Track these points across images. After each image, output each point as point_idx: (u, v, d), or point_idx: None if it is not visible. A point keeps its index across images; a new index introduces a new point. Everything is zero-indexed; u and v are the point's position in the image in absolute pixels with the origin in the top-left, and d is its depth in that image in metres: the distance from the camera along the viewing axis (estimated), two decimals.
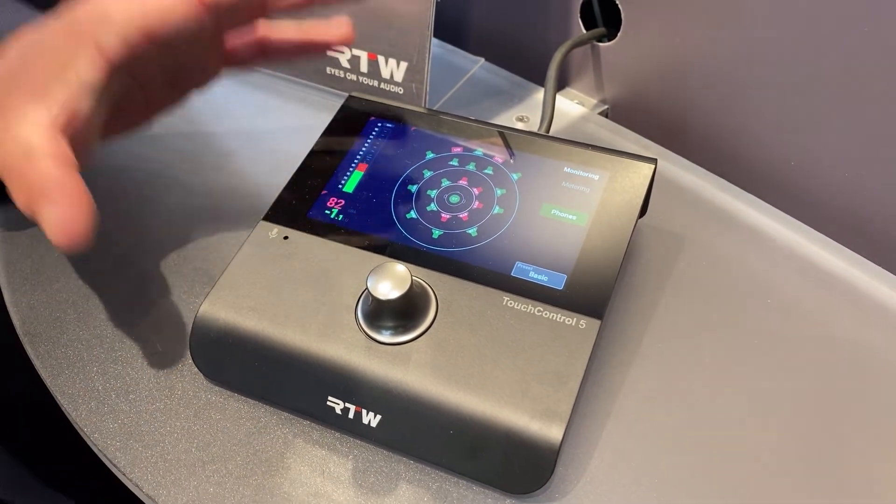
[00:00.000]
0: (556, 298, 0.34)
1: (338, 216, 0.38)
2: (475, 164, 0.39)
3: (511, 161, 0.39)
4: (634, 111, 0.53)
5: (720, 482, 0.32)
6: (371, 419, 0.32)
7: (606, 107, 0.54)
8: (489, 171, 0.39)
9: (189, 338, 0.36)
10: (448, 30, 0.59)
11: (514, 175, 0.39)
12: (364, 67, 0.50)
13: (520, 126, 0.50)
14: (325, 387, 0.33)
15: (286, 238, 0.37)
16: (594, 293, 0.34)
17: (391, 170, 0.40)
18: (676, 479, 0.32)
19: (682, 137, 0.51)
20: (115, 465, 0.33)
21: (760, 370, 0.36)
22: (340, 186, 0.39)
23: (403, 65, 0.49)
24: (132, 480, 0.33)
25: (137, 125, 0.39)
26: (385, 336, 0.33)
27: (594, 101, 0.55)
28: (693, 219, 0.44)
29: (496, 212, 0.37)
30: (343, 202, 0.38)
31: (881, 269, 0.41)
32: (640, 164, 0.38)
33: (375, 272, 0.32)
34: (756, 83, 0.45)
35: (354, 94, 0.44)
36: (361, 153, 0.41)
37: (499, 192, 0.38)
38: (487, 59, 0.57)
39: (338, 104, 0.43)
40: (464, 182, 0.39)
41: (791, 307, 0.39)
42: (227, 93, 0.53)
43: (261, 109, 0.52)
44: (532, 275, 0.35)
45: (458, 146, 0.40)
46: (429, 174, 0.39)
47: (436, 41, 0.57)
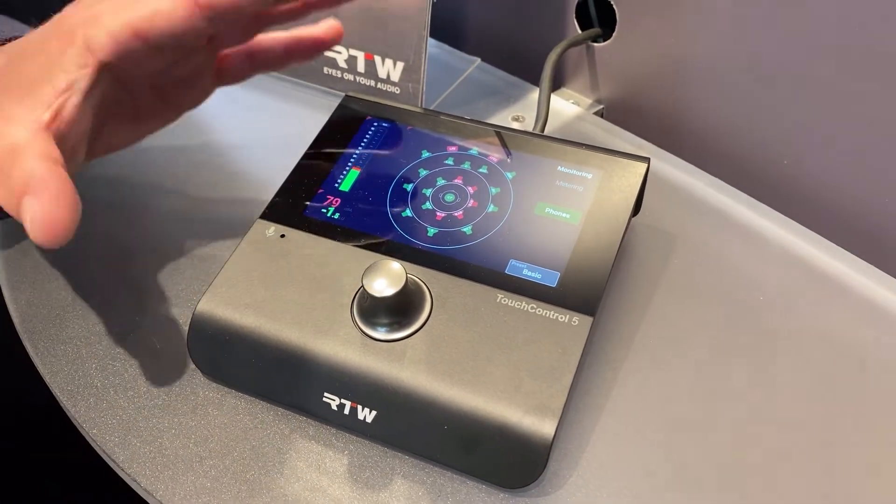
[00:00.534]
0: (550, 296, 0.34)
1: (334, 214, 0.38)
2: (470, 163, 0.40)
3: (505, 160, 0.40)
4: (629, 111, 0.53)
5: (712, 477, 0.32)
6: (367, 415, 0.33)
7: (601, 106, 0.55)
8: (484, 170, 0.39)
9: (187, 335, 0.36)
10: (444, 30, 0.59)
11: (509, 174, 0.39)
12: (361, 67, 0.50)
13: (515, 126, 0.50)
14: (322, 383, 0.33)
15: (283, 236, 0.38)
16: (587, 291, 0.34)
17: (387, 169, 0.40)
18: (668, 474, 0.33)
19: (677, 137, 0.51)
20: (114, 460, 0.34)
21: (752, 367, 0.36)
22: (337, 185, 0.40)
23: (400, 65, 0.49)
24: (130, 475, 0.33)
25: (126, 139, 0.39)
26: (380, 333, 0.34)
27: (589, 101, 0.55)
28: (686, 217, 0.44)
29: (491, 210, 0.38)
30: (339, 201, 0.39)
31: (873, 267, 0.41)
32: (634, 163, 0.38)
33: (371, 270, 0.33)
34: (749, 83, 0.46)
35: (351, 94, 0.44)
36: (358, 152, 0.41)
37: (493, 191, 0.38)
38: (483, 60, 0.57)
39: (335, 104, 0.44)
40: (459, 181, 0.39)
41: (783, 305, 0.39)
42: (225, 92, 0.54)
43: (258, 109, 0.52)
44: (526, 272, 0.35)
45: (454, 145, 0.41)
46: (424, 173, 0.40)
47: (432, 41, 0.58)
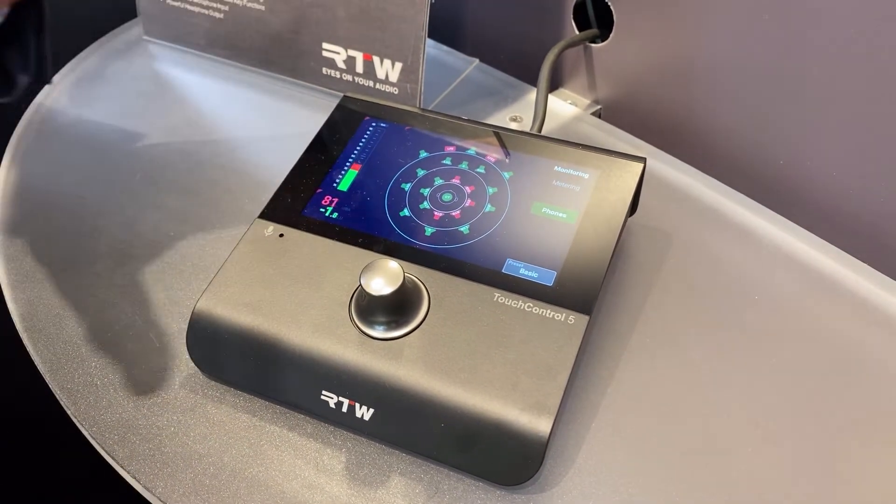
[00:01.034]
0: (546, 294, 0.34)
1: (332, 214, 0.38)
2: (468, 163, 0.40)
3: (503, 160, 0.40)
4: (626, 111, 0.53)
5: (707, 475, 0.33)
6: (364, 413, 0.33)
7: (599, 107, 0.55)
8: (481, 170, 0.40)
9: (186, 333, 0.36)
10: (443, 31, 0.60)
11: (506, 174, 0.39)
12: (360, 68, 0.51)
13: (513, 126, 0.51)
14: (319, 381, 0.34)
15: (282, 235, 0.38)
16: (583, 289, 0.34)
17: (385, 169, 0.40)
18: (664, 472, 0.33)
19: (674, 137, 0.51)
20: (113, 458, 0.34)
21: (747, 366, 0.37)
22: (335, 185, 0.40)
23: (398, 65, 0.49)
24: (130, 473, 0.33)
25: None
26: (378, 331, 0.34)
27: (587, 102, 0.55)
28: (683, 217, 0.44)
29: (488, 210, 0.38)
30: (338, 200, 0.39)
31: (868, 267, 0.41)
32: (630, 163, 0.39)
33: (368, 269, 0.33)
34: (746, 83, 0.46)
35: (350, 95, 0.44)
36: (356, 152, 0.41)
37: (491, 191, 0.39)
38: (482, 60, 0.57)
39: (333, 104, 0.44)
40: (456, 181, 0.39)
41: (778, 304, 0.39)
42: (224, 93, 0.54)
43: (257, 109, 0.53)
44: (522, 271, 0.35)
45: (451, 145, 0.41)
46: (422, 173, 0.40)
47: (430, 42, 0.58)
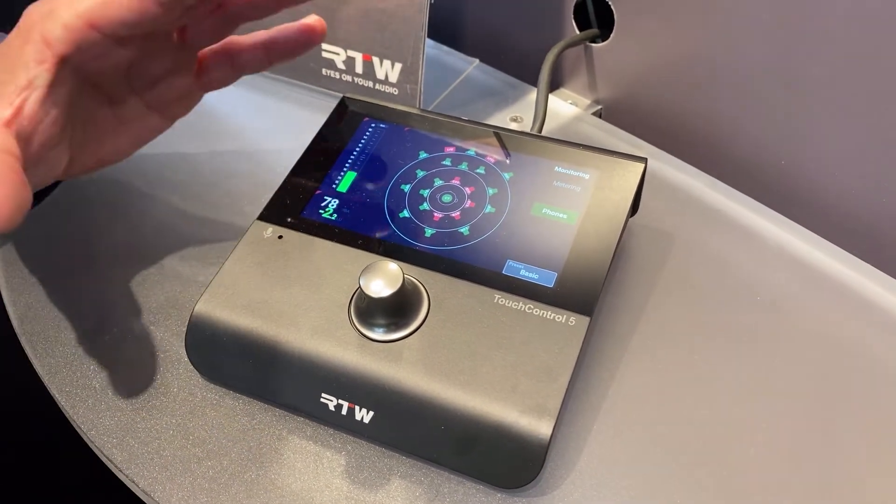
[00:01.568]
0: (547, 296, 0.34)
1: (332, 215, 0.38)
2: (467, 164, 0.40)
3: (503, 161, 0.40)
4: (627, 111, 0.53)
5: (709, 478, 0.32)
6: (364, 415, 0.33)
7: (600, 107, 0.55)
8: (481, 171, 0.39)
9: (185, 336, 0.36)
10: (442, 31, 0.60)
11: (506, 174, 0.39)
12: (359, 69, 0.51)
13: (513, 126, 0.50)
14: (319, 384, 0.34)
15: (280, 237, 0.38)
16: (584, 291, 0.34)
17: (384, 170, 0.40)
18: (665, 475, 0.33)
19: (675, 137, 0.51)
20: (112, 462, 0.34)
21: (749, 367, 0.36)
22: (334, 186, 0.40)
23: (398, 66, 0.49)
24: (128, 476, 0.33)
25: (117, 149, 0.38)
26: (378, 333, 0.34)
27: (587, 102, 0.55)
28: (684, 217, 0.44)
29: (488, 211, 0.38)
30: (337, 202, 0.39)
31: (871, 267, 0.41)
32: (631, 164, 0.38)
33: (368, 270, 0.33)
34: (747, 83, 0.46)
35: (349, 95, 0.44)
36: (355, 153, 0.41)
37: (491, 192, 0.38)
38: (482, 60, 0.57)
39: (333, 105, 0.44)
40: (456, 181, 0.39)
41: (781, 305, 0.39)
42: (223, 93, 0.54)
43: (256, 110, 0.53)
44: (523, 273, 0.35)
45: (451, 146, 0.41)
46: (422, 174, 0.40)
47: (430, 42, 0.58)
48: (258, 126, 0.51)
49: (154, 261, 0.42)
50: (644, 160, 0.38)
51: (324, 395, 0.33)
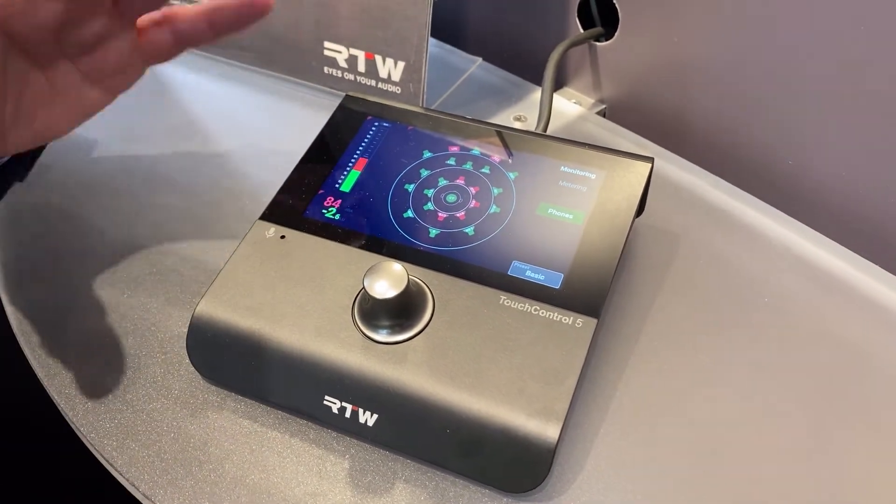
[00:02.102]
0: (553, 297, 0.34)
1: (335, 215, 0.38)
2: (472, 164, 0.39)
3: (508, 160, 0.39)
4: (632, 110, 0.53)
5: (717, 481, 0.32)
6: (368, 418, 0.32)
7: (604, 106, 0.54)
8: (486, 171, 0.39)
9: (186, 337, 0.36)
10: (446, 29, 0.59)
11: (511, 174, 0.39)
12: (362, 67, 0.50)
13: (517, 125, 0.50)
14: (322, 386, 0.33)
15: (283, 237, 0.37)
16: (591, 292, 0.34)
17: (388, 169, 0.40)
18: (673, 478, 0.32)
19: (680, 136, 0.51)
20: (112, 465, 0.33)
21: (757, 368, 0.36)
22: (337, 186, 0.39)
23: (401, 64, 0.49)
24: (129, 480, 0.33)
25: (56, 123, 0.36)
26: (382, 335, 0.33)
27: (592, 101, 0.55)
28: (690, 218, 0.44)
29: (493, 211, 0.37)
30: (340, 201, 0.38)
31: (878, 268, 0.41)
32: (637, 163, 0.38)
33: (372, 271, 0.32)
34: (753, 82, 0.45)
35: (352, 94, 0.44)
36: (358, 152, 0.41)
37: (496, 192, 0.38)
38: (485, 59, 0.57)
39: (335, 104, 0.43)
40: (461, 181, 0.39)
41: (788, 306, 0.39)
42: (224, 92, 0.53)
43: (258, 109, 0.52)
44: (529, 274, 0.35)
45: (455, 145, 0.40)
46: (426, 173, 0.39)
47: (433, 41, 0.57)
48: (260, 125, 0.51)
49: (155, 261, 0.42)
50: (651, 160, 0.38)
51: (327, 398, 0.33)
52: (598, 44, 0.52)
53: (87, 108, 0.37)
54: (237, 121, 0.51)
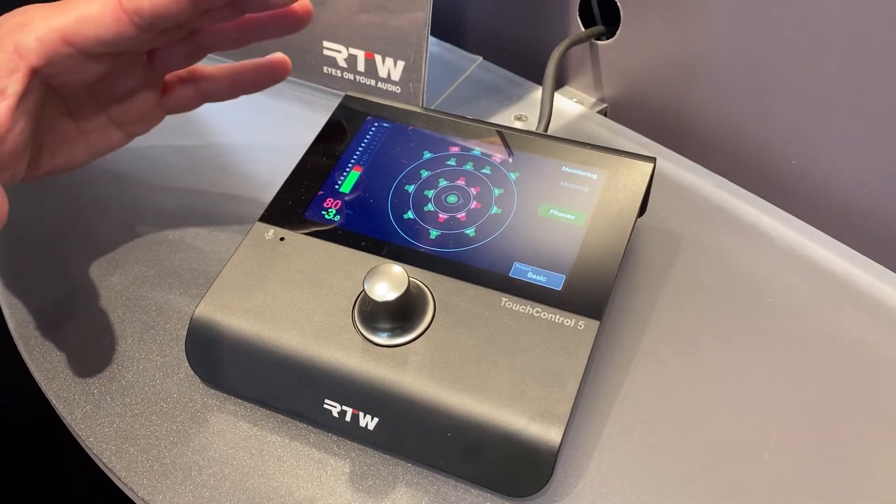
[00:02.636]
0: (555, 299, 0.33)
1: (334, 217, 0.38)
2: (473, 164, 0.39)
3: (509, 160, 0.39)
4: (633, 109, 0.53)
5: (721, 483, 0.32)
6: (368, 422, 0.32)
7: (605, 105, 0.54)
8: (487, 171, 0.39)
9: (185, 340, 0.35)
10: (445, 28, 0.59)
11: (512, 174, 0.38)
12: (361, 66, 0.50)
13: (518, 125, 0.50)
14: (322, 389, 0.33)
15: (282, 239, 0.37)
16: (593, 294, 0.34)
17: (388, 170, 0.39)
18: (676, 481, 0.32)
19: (682, 136, 0.50)
20: (111, 469, 0.33)
21: (760, 369, 0.36)
22: (337, 187, 0.39)
23: (401, 64, 0.48)
24: (127, 485, 0.32)
25: (72, 159, 0.38)
26: (382, 338, 0.33)
27: (593, 100, 0.55)
28: (692, 218, 0.44)
29: (494, 212, 0.37)
30: (340, 203, 0.38)
31: (882, 268, 0.41)
32: (639, 163, 0.38)
33: (372, 273, 0.32)
34: (756, 81, 0.45)
35: (351, 94, 0.43)
36: (358, 153, 0.40)
37: (497, 192, 0.38)
38: (485, 58, 0.56)
39: (335, 104, 0.43)
40: (461, 182, 0.38)
41: (791, 306, 0.39)
42: None
43: (257, 109, 0.52)
44: (530, 275, 0.34)
45: (456, 146, 0.40)
46: (426, 174, 0.39)
47: (433, 40, 0.57)
48: (259, 125, 0.51)
49: (154, 263, 0.41)
50: (653, 160, 0.38)
51: (327, 402, 0.33)
52: (600, 42, 0.52)
53: (106, 149, 0.40)
54: (236, 121, 0.51)
